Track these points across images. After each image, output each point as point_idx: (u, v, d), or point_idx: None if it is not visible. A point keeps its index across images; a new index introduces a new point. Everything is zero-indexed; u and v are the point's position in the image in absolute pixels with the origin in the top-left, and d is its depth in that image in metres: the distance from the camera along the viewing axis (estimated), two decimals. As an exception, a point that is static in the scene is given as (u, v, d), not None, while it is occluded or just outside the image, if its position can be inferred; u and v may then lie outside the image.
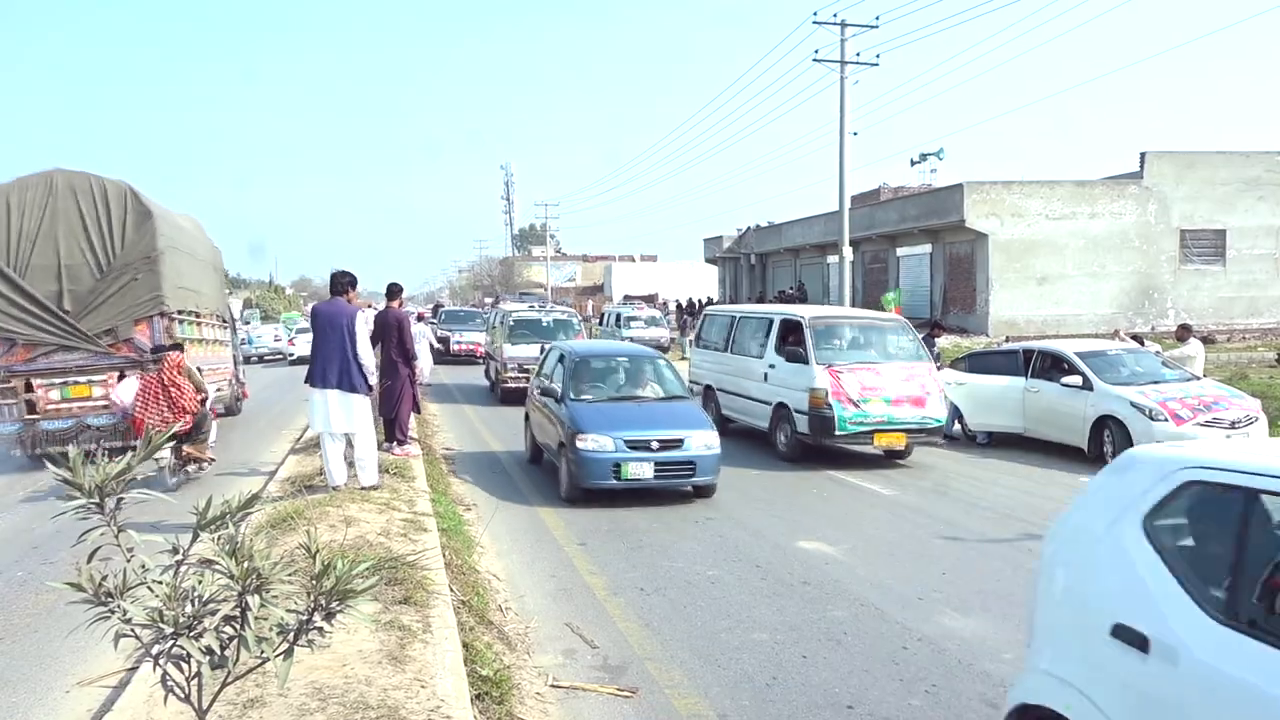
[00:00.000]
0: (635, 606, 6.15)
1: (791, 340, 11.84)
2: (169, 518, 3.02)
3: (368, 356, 8.16)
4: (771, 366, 12.10)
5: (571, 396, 9.69)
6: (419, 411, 11.81)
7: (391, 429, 10.32)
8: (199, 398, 9.74)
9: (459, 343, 28.20)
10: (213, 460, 10.16)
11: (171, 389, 9.41)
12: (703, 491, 9.35)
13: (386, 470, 8.97)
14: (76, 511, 2.52)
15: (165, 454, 9.10)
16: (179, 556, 2.58)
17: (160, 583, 2.43)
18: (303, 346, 25.54)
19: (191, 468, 9.80)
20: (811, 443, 11.38)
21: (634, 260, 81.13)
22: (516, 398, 15.67)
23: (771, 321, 12.55)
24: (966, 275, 31.63)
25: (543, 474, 10.70)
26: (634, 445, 8.91)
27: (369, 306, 12.93)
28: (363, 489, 8.02)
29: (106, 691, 4.53)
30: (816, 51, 26.45)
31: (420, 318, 23.44)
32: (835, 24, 25.81)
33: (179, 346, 10.54)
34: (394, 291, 11.04)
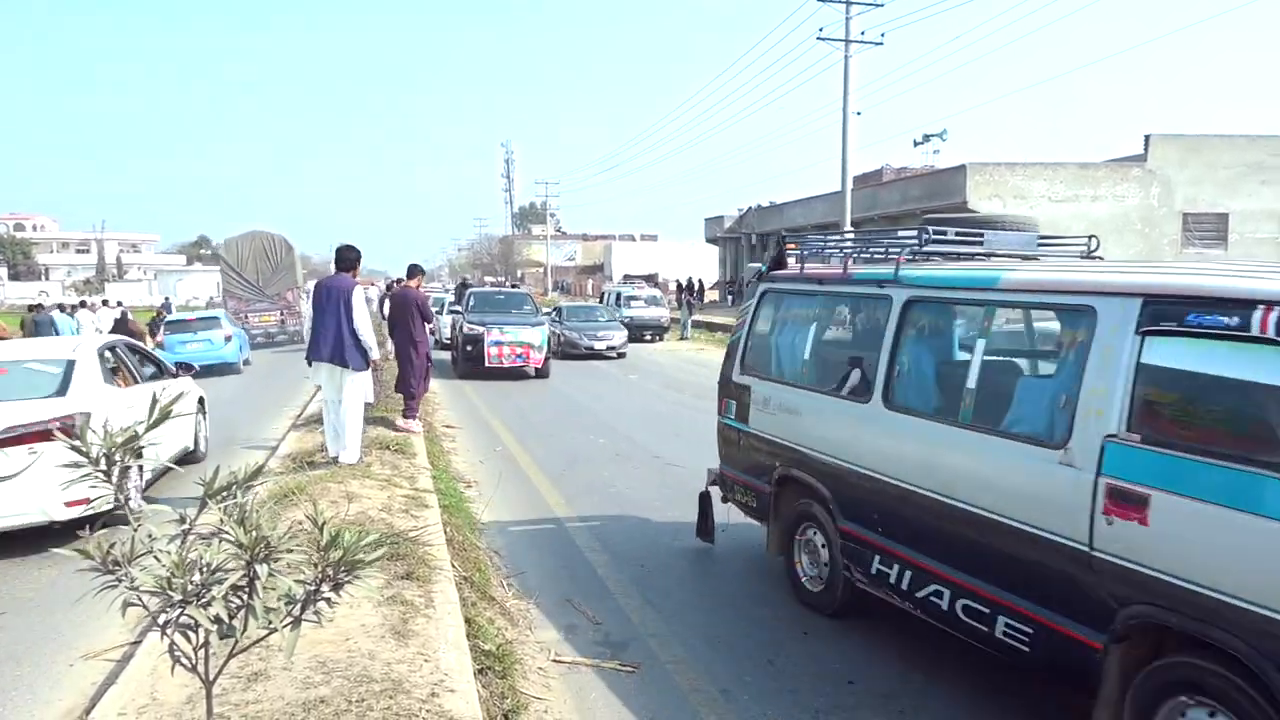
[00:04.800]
0: (637, 582, 6.16)
1: None
2: (173, 492, 3.00)
3: (367, 332, 8.06)
4: None
5: None
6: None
7: (407, 403, 10.43)
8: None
9: (498, 343, 17.30)
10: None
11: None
12: None
13: (387, 447, 8.98)
14: (83, 479, 2.51)
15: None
16: (186, 526, 2.57)
17: (167, 552, 2.42)
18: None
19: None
20: None
21: (634, 239, 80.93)
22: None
23: None
24: (968, 257, 31.57)
25: (543, 451, 10.69)
26: None
27: (370, 285, 13.07)
28: (339, 466, 7.97)
29: (111, 665, 4.55)
30: (821, 29, 26.24)
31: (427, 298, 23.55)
32: (840, 1, 25.58)
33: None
34: (413, 271, 11.53)
